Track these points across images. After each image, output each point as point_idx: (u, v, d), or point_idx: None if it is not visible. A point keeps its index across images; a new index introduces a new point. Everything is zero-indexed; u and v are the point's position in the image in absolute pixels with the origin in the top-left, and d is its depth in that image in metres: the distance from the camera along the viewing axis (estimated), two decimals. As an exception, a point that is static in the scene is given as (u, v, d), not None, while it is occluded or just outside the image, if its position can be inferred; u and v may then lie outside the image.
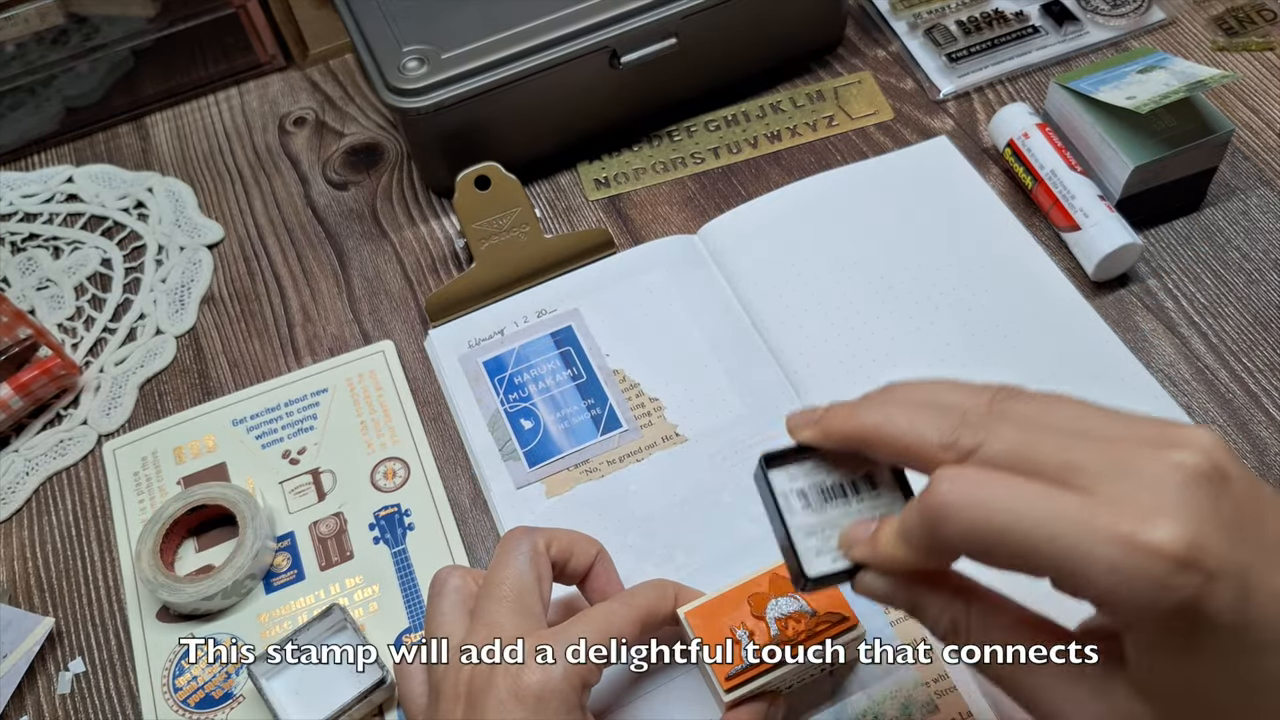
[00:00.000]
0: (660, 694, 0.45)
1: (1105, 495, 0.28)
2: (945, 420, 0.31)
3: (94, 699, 0.49)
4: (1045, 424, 0.30)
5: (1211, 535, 0.27)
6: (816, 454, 0.36)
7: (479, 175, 0.57)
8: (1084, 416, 0.30)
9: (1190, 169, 0.57)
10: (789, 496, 0.36)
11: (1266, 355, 0.54)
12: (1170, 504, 0.27)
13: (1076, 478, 0.28)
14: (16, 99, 0.68)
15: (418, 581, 0.50)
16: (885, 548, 0.33)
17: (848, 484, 0.36)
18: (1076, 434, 0.29)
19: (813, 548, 0.35)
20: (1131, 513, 0.27)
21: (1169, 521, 0.26)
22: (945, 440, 0.30)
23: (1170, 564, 0.26)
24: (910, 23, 0.70)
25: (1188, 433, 0.29)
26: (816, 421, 0.35)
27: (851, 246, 0.59)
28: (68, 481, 0.56)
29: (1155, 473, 0.28)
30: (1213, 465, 0.28)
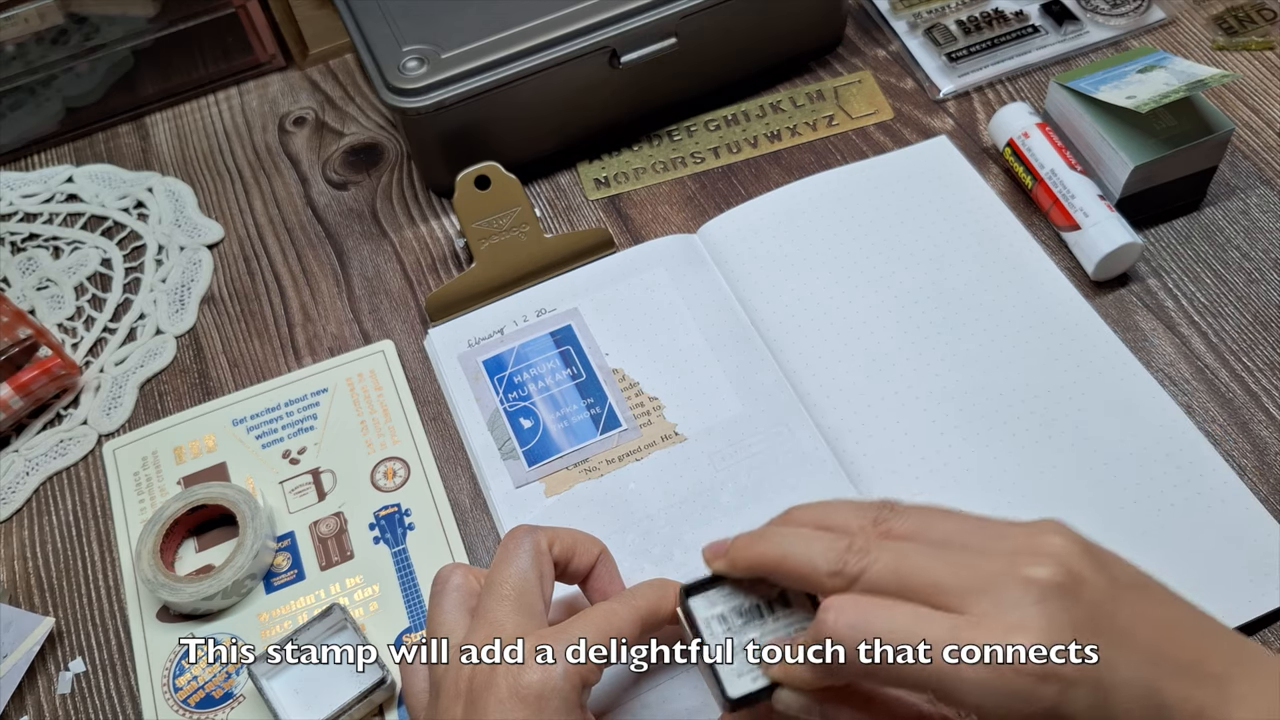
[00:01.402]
0: (660, 694, 0.45)
1: (972, 614, 0.31)
2: (832, 547, 0.34)
3: (94, 699, 0.49)
4: (921, 541, 0.34)
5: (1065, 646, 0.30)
6: (732, 580, 0.39)
7: (479, 175, 0.57)
8: (958, 528, 0.34)
9: (1190, 168, 0.57)
10: (710, 622, 0.38)
11: (1266, 354, 0.54)
12: (1027, 620, 0.30)
13: (947, 598, 0.32)
14: (16, 99, 0.68)
15: (418, 581, 0.50)
16: (794, 669, 0.35)
17: (763, 604, 0.38)
18: (950, 547, 0.33)
19: (734, 670, 0.37)
20: (994, 631, 0.30)
21: (1026, 638, 0.30)
22: (833, 568, 0.34)
23: (1031, 678, 0.29)
24: (910, 22, 0.70)
25: (1045, 541, 0.32)
26: (725, 553, 0.38)
27: (851, 246, 0.59)
28: (68, 481, 0.56)
29: (1014, 590, 0.31)
30: (1066, 573, 0.31)
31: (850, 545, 0.34)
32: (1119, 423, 0.51)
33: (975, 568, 0.32)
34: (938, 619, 0.31)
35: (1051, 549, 0.32)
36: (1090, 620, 0.31)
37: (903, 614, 0.32)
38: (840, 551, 0.34)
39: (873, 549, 0.34)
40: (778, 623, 0.38)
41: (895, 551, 0.33)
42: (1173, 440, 0.50)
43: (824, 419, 0.53)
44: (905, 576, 0.33)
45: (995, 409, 0.52)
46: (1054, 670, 0.29)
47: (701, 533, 0.49)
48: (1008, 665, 0.30)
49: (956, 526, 0.34)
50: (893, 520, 0.35)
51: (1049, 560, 0.31)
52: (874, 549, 0.34)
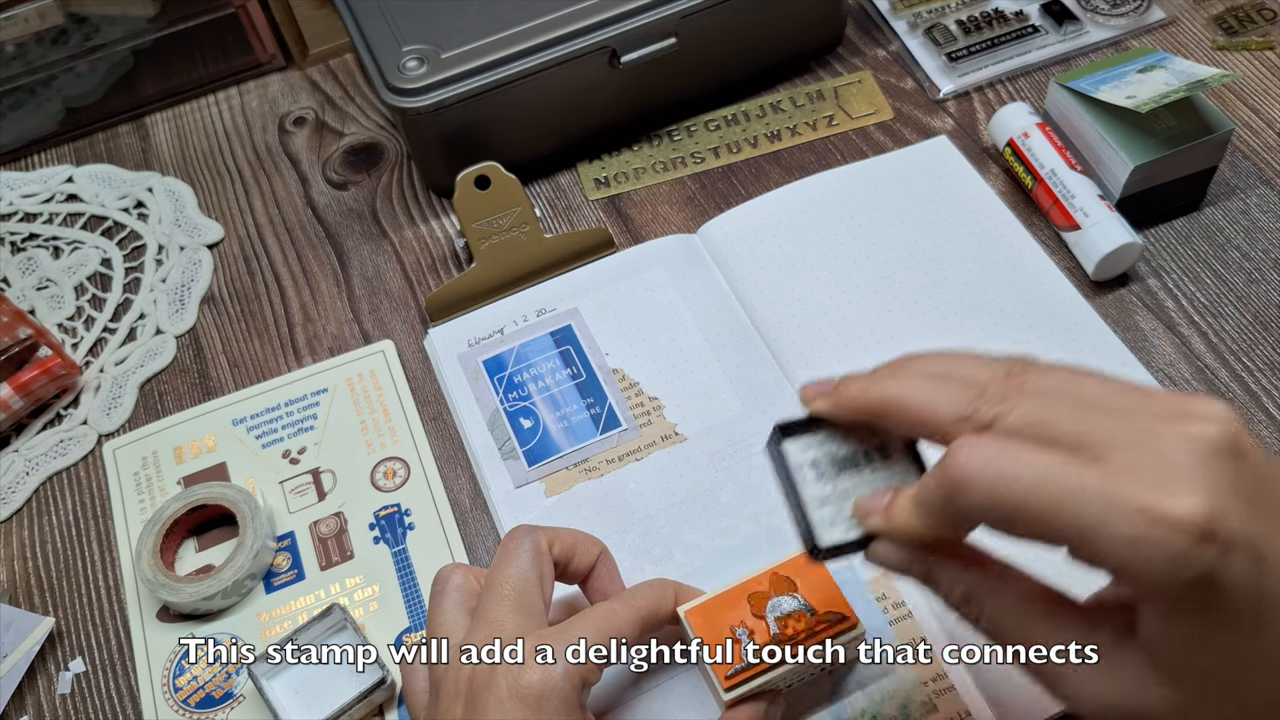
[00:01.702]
0: (660, 694, 0.45)
1: (1124, 466, 0.28)
2: (962, 393, 0.31)
3: (94, 699, 0.49)
4: (1063, 396, 0.30)
5: (1229, 507, 0.27)
6: (829, 425, 0.36)
7: (479, 175, 0.57)
8: (1101, 389, 0.30)
9: (1190, 168, 0.57)
10: (802, 467, 0.35)
11: (1266, 354, 0.54)
12: (1188, 476, 0.27)
13: (1095, 449, 0.28)
14: (16, 99, 0.68)
15: (418, 581, 0.50)
16: (900, 517, 0.33)
17: (860, 454, 0.36)
18: (1094, 406, 0.29)
19: (826, 518, 0.35)
20: (1150, 484, 0.27)
21: (1187, 493, 0.27)
22: (962, 413, 0.30)
23: (1189, 536, 0.26)
24: (910, 22, 0.70)
25: (1204, 405, 0.29)
26: (830, 393, 0.35)
27: (851, 246, 0.59)
28: (68, 481, 0.56)
29: (1173, 445, 0.28)
30: (1229, 438, 0.28)
31: (983, 392, 0.30)
32: (1119, 423, 0.51)
33: (1129, 421, 0.29)
34: (1087, 467, 0.28)
35: (1214, 413, 0.29)
36: (1254, 487, 0.28)
37: (1046, 458, 0.28)
38: (971, 397, 0.30)
39: (1009, 397, 0.30)
40: (875, 474, 0.35)
41: (1035, 401, 0.30)
42: (1173, 440, 0.50)
43: (824, 419, 0.53)
44: (1048, 425, 0.29)
45: (995, 409, 0.52)
46: (1215, 530, 0.26)
47: (701, 533, 0.49)
48: (1166, 520, 0.26)
49: (1101, 386, 0.30)
50: (1028, 375, 0.31)
51: (1213, 422, 0.28)
52: (1010, 397, 0.30)
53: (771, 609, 0.42)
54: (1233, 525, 0.27)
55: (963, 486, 0.29)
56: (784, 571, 0.43)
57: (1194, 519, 0.26)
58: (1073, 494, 0.27)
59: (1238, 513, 0.27)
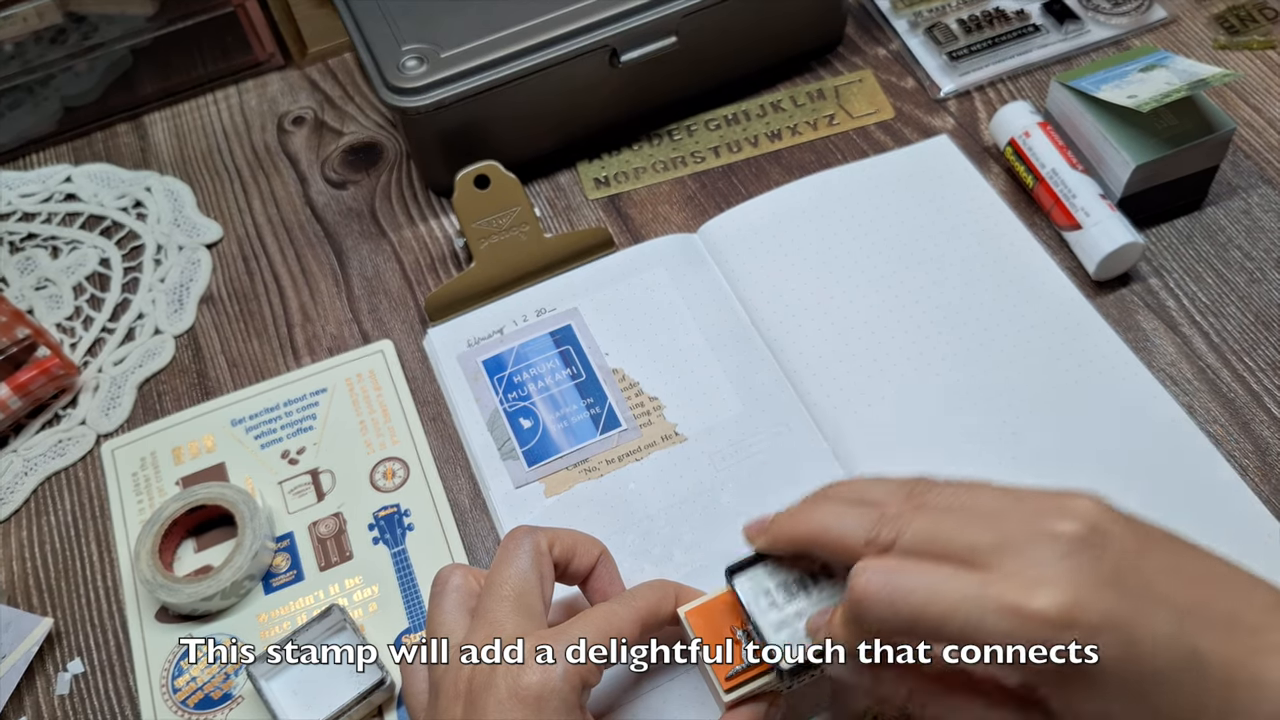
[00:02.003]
0: (660, 694, 0.45)
1: (1000, 570, 0.31)
2: (867, 517, 0.35)
3: (93, 700, 0.49)
4: (954, 510, 0.34)
5: (1090, 595, 0.30)
6: (774, 556, 0.40)
7: (478, 174, 0.57)
8: (988, 498, 0.34)
9: (1192, 168, 0.57)
10: (757, 599, 0.40)
11: (1268, 354, 0.53)
12: (1051, 573, 0.31)
13: (980, 557, 0.32)
14: (15, 98, 0.68)
15: (417, 582, 0.50)
16: (838, 634, 0.36)
17: (807, 577, 0.40)
18: (981, 515, 0.33)
19: (785, 639, 0.39)
20: (1019, 585, 0.31)
21: (1049, 589, 0.30)
22: (868, 536, 0.35)
23: (1053, 626, 0.30)
24: (911, 21, 0.70)
25: (1072, 501, 0.33)
26: (765, 530, 0.40)
27: (852, 246, 0.58)
28: (66, 482, 0.56)
29: (1039, 545, 0.31)
30: (1090, 529, 0.31)
31: (883, 515, 0.35)
32: (1120, 423, 0.51)
33: (1004, 527, 0.32)
34: (965, 575, 0.32)
35: (1078, 508, 0.32)
36: (1116, 573, 0.31)
37: (932, 572, 0.32)
38: (874, 521, 0.35)
39: (905, 516, 0.34)
40: (822, 594, 0.39)
41: (928, 519, 0.34)
42: (1174, 440, 0.50)
43: (824, 419, 0.52)
44: (937, 540, 0.33)
45: (995, 408, 0.52)
46: (1077, 620, 0.30)
47: (701, 533, 0.49)
48: (1032, 616, 0.30)
49: (990, 496, 0.35)
50: (928, 493, 0.36)
51: (1075, 517, 0.32)
52: (906, 516, 0.34)
53: (772, 610, 0.42)
54: (1094, 612, 0.30)
55: (865, 604, 0.33)
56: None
57: (1055, 612, 0.30)
58: (955, 600, 0.31)
59: (1099, 600, 0.30)
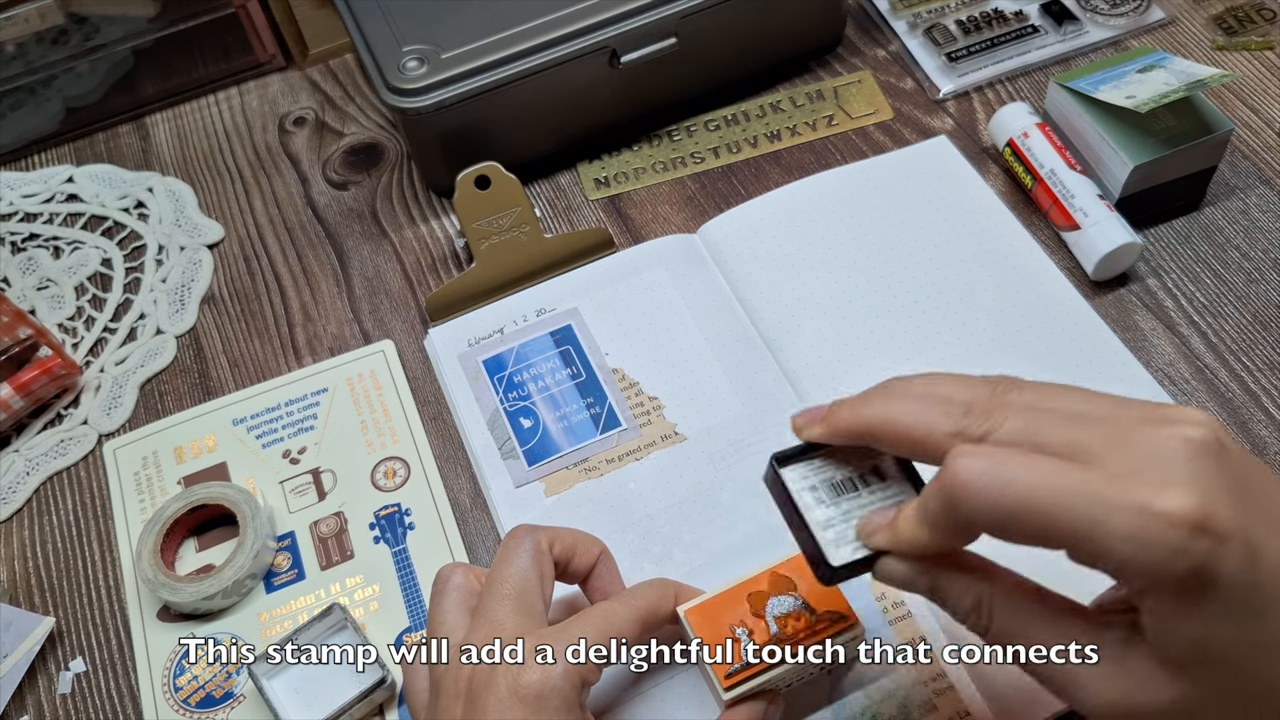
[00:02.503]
0: (660, 694, 0.45)
1: (1116, 469, 0.29)
2: (951, 410, 0.32)
3: (94, 699, 0.49)
4: (1047, 409, 0.31)
5: (1219, 501, 0.28)
6: (824, 451, 0.37)
7: (479, 175, 0.58)
8: (1084, 401, 0.32)
9: (1190, 168, 0.57)
10: (802, 494, 0.36)
11: (1266, 354, 0.54)
12: (1179, 474, 0.28)
13: (1086, 455, 0.29)
14: (17, 99, 0.68)
15: (418, 581, 0.50)
16: (905, 532, 0.34)
17: (857, 477, 0.37)
18: (1079, 416, 0.31)
19: (831, 539, 0.36)
20: (1143, 483, 0.28)
21: (1180, 490, 0.28)
22: (954, 428, 0.32)
23: (1184, 529, 0.28)
24: (910, 22, 0.70)
25: (1184, 410, 0.30)
26: (823, 419, 0.36)
27: (851, 246, 0.59)
28: (68, 481, 0.56)
29: (1161, 446, 0.29)
30: (1212, 437, 0.29)
31: (970, 409, 0.32)
32: (1118, 422, 0.51)
33: (1115, 428, 0.30)
34: (1082, 470, 0.29)
35: (1195, 416, 0.30)
36: (1240, 483, 0.29)
37: (1044, 464, 0.29)
38: (960, 414, 0.32)
39: (996, 412, 0.31)
40: (874, 496, 0.36)
41: (1022, 415, 0.31)
42: (1172, 440, 0.50)
43: (824, 419, 0.53)
44: (1038, 436, 0.30)
45: (995, 409, 0.52)
46: (1208, 524, 0.28)
47: (701, 532, 0.50)
48: (1161, 515, 0.28)
49: (1083, 397, 0.32)
50: (1011, 392, 0.32)
51: (1196, 424, 0.30)
52: (997, 412, 0.31)
53: (771, 608, 0.42)
54: (1224, 518, 0.28)
55: (963, 496, 0.30)
56: (783, 571, 0.43)
57: (1187, 513, 0.28)
58: (1070, 497, 0.29)
59: (1227, 506, 0.28)
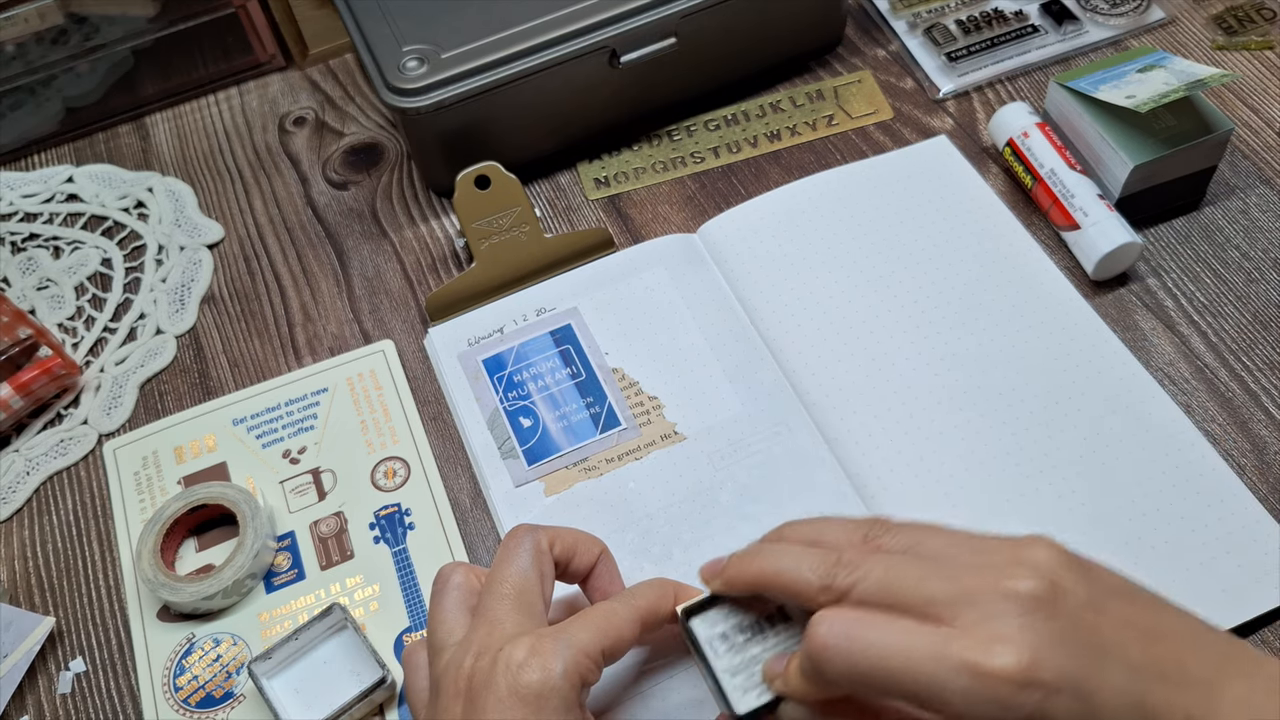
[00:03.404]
0: (660, 694, 0.45)
1: (959, 625, 0.32)
2: (822, 563, 0.35)
3: (95, 698, 0.49)
4: (912, 556, 0.35)
5: (1047, 653, 0.31)
6: (730, 599, 0.39)
7: (479, 175, 0.58)
8: (946, 544, 0.35)
9: (1190, 168, 0.57)
10: (712, 641, 0.39)
11: (1266, 354, 0.54)
12: (1009, 629, 0.31)
13: (936, 611, 0.32)
14: (16, 99, 0.68)
15: (418, 581, 0.50)
16: (793, 682, 0.36)
17: (764, 620, 0.39)
18: (938, 565, 0.34)
19: (740, 685, 0.38)
20: (977, 642, 0.31)
21: (1008, 648, 0.31)
22: (824, 583, 0.35)
23: (1012, 685, 0.30)
24: (910, 22, 0.70)
25: (1028, 552, 0.33)
26: (720, 572, 0.39)
27: (851, 246, 0.59)
28: (68, 481, 0.56)
29: (997, 601, 0.32)
30: (1047, 586, 0.32)
31: (839, 560, 0.35)
32: (1118, 422, 0.51)
33: (961, 581, 0.33)
34: (925, 631, 0.32)
35: (1034, 561, 0.33)
36: (1072, 630, 0.31)
37: (891, 627, 0.33)
38: (830, 566, 0.35)
39: (863, 564, 0.35)
40: (778, 637, 0.39)
41: (884, 566, 0.34)
42: (1172, 440, 0.50)
43: (824, 419, 0.53)
44: (894, 590, 0.33)
45: (994, 408, 0.52)
46: (1035, 678, 0.30)
47: (701, 532, 0.50)
48: (991, 674, 0.30)
49: (946, 541, 0.35)
50: (884, 536, 0.36)
51: (1032, 573, 0.32)
52: (864, 563, 0.35)
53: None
54: (1051, 669, 0.30)
55: (823, 658, 0.33)
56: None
57: (1013, 671, 0.30)
58: (915, 659, 0.32)
59: (1056, 658, 0.31)
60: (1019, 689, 0.30)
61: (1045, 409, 0.52)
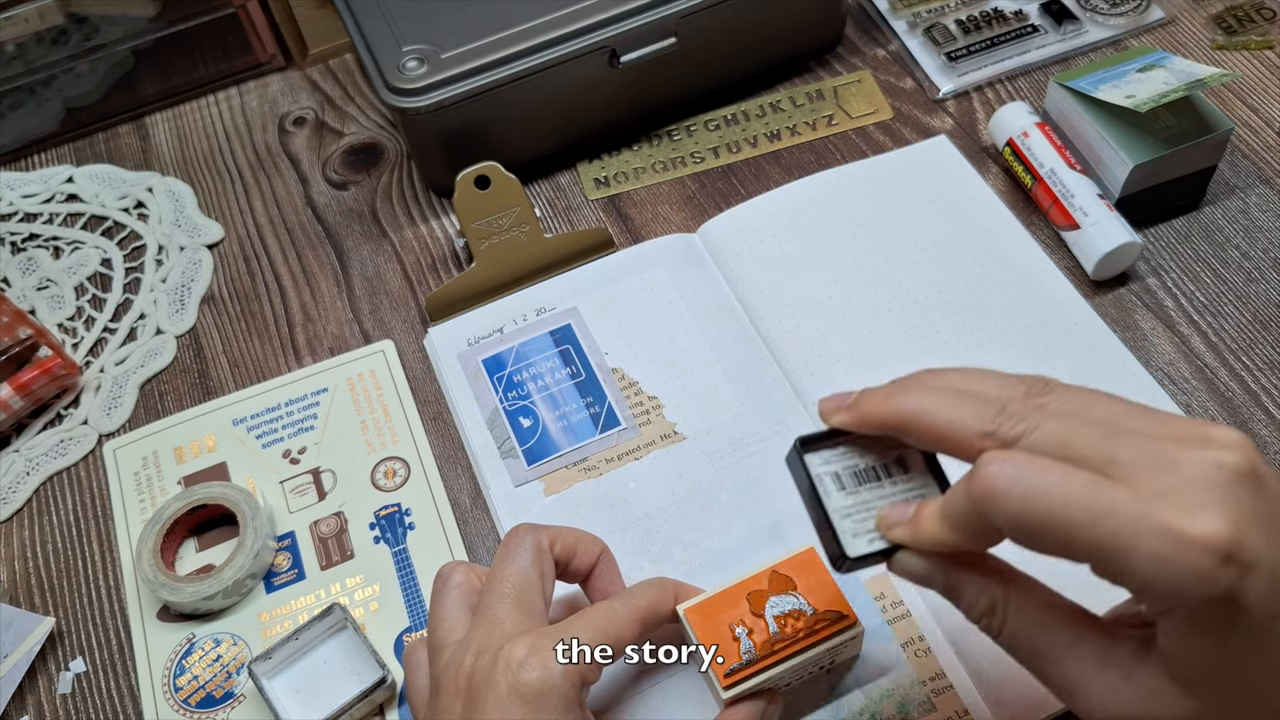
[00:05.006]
0: (660, 692, 0.45)
1: (1149, 488, 0.28)
2: (984, 409, 0.31)
3: (95, 699, 0.49)
4: (1084, 417, 0.31)
5: (1250, 530, 0.28)
6: (848, 438, 0.37)
7: (479, 175, 0.58)
8: (1122, 413, 0.31)
9: (1189, 168, 0.57)
10: (824, 479, 0.36)
11: (1266, 353, 0.54)
12: (1212, 499, 0.28)
13: (1121, 470, 0.29)
14: (17, 99, 0.68)
15: (418, 581, 0.50)
16: (927, 529, 0.33)
17: (880, 467, 0.36)
18: (1116, 429, 0.30)
19: (849, 529, 0.35)
20: (1176, 506, 0.28)
21: (1212, 516, 0.28)
22: (986, 429, 0.31)
23: (1213, 556, 0.27)
24: (910, 22, 0.70)
25: (1223, 433, 0.30)
26: (851, 406, 0.35)
27: (851, 246, 0.59)
28: (68, 481, 0.56)
29: (1196, 469, 0.29)
30: (1248, 465, 0.29)
31: (1005, 408, 0.31)
32: (1118, 422, 0.51)
33: (1152, 445, 0.30)
34: (1114, 487, 0.29)
35: (1233, 440, 0.30)
36: (1270, 513, 0.29)
37: (1076, 476, 0.29)
38: (993, 414, 0.31)
39: (1031, 415, 0.31)
40: (896, 487, 0.36)
41: (1058, 421, 0.31)
42: (1172, 439, 0.50)
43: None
44: (1072, 446, 0.30)
45: (995, 408, 0.52)
46: (1237, 552, 0.27)
47: (700, 532, 0.50)
48: (1193, 541, 0.27)
49: (1121, 408, 0.31)
50: (1048, 395, 0.32)
51: (1234, 449, 0.29)
52: (1033, 415, 0.31)
53: (771, 607, 0.42)
54: (1253, 546, 0.28)
55: (993, 501, 0.30)
56: (783, 570, 0.43)
57: (1218, 541, 0.27)
58: (1101, 513, 0.28)
59: (1257, 535, 0.28)
60: (1221, 561, 0.27)
61: (1045, 409, 0.52)
